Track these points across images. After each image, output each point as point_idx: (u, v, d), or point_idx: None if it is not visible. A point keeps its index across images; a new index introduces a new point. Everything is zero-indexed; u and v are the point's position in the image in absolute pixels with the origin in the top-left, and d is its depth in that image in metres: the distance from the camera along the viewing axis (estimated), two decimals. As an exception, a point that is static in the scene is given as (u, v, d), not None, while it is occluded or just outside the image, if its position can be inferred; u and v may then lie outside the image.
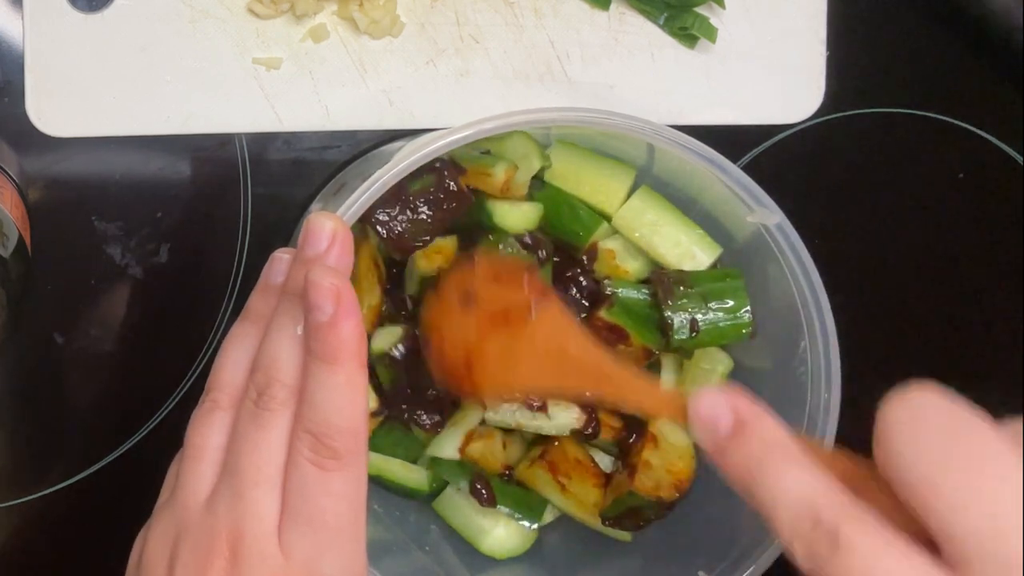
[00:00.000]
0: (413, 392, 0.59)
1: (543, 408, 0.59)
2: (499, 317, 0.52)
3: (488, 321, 0.52)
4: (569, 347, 0.50)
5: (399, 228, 0.57)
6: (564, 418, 0.59)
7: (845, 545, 0.35)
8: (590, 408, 0.59)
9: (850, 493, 0.37)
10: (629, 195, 0.60)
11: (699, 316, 0.57)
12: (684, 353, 0.61)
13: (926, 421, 0.35)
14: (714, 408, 0.40)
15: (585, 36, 0.63)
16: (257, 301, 0.47)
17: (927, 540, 0.35)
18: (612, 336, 0.57)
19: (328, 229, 0.45)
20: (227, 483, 0.43)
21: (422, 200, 0.57)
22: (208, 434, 0.45)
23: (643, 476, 0.58)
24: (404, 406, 0.59)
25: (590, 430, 0.59)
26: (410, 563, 0.59)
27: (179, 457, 0.46)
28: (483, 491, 0.59)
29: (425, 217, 0.57)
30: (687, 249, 0.59)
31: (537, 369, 0.51)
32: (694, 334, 0.57)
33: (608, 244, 0.60)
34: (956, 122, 0.68)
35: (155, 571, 0.43)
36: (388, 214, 0.57)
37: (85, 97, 0.60)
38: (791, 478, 0.38)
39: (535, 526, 0.61)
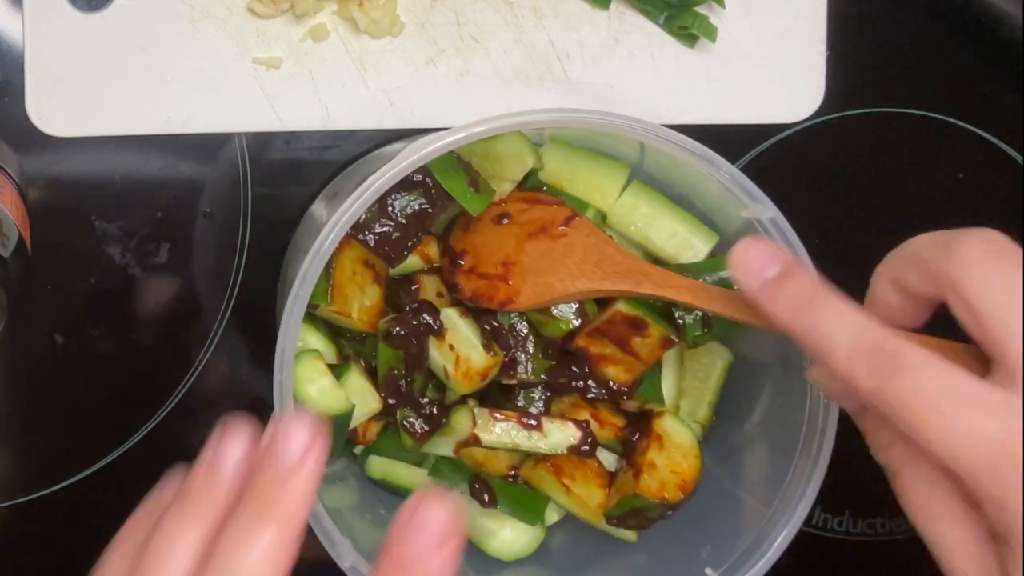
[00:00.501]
0: (407, 385, 0.59)
1: (538, 427, 0.59)
2: (535, 230, 0.57)
3: (525, 234, 0.57)
4: (607, 251, 0.56)
5: (384, 236, 0.58)
6: (559, 436, 0.59)
7: (907, 366, 0.39)
8: (584, 424, 0.60)
9: None
10: (623, 191, 0.61)
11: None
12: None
13: (998, 255, 0.41)
14: (763, 253, 0.45)
15: (585, 36, 0.64)
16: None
17: None
18: (631, 329, 0.58)
19: (301, 442, 0.38)
20: None
21: (406, 209, 0.58)
22: (176, 545, 0.38)
23: (648, 478, 0.59)
24: (392, 401, 0.59)
25: (586, 447, 0.59)
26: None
27: None
28: (484, 493, 0.60)
29: (407, 223, 0.58)
30: (684, 239, 0.60)
31: (577, 271, 0.55)
32: (707, 330, 0.58)
33: (601, 239, 0.61)
34: (956, 122, 0.69)
35: None
36: (373, 224, 0.57)
37: (85, 97, 0.61)
38: (845, 310, 0.42)
39: (535, 527, 0.62)
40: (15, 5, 0.60)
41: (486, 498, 0.60)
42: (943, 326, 0.44)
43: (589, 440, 0.59)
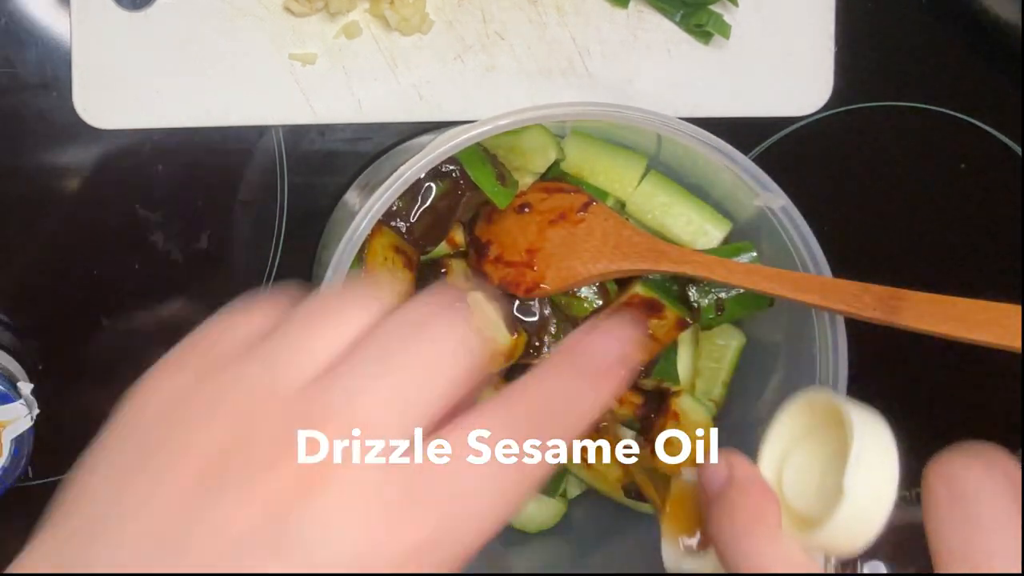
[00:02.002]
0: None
1: None
2: (555, 217, 0.59)
3: (546, 222, 0.59)
4: (624, 232, 0.58)
5: (415, 224, 0.60)
6: None
7: None
8: None
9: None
10: (640, 181, 0.62)
11: (723, 294, 0.60)
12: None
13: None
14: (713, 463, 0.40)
15: (605, 33, 0.65)
16: None
17: None
18: (648, 311, 0.60)
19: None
20: (361, 367, 0.31)
21: (435, 198, 0.60)
22: (347, 314, 0.32)
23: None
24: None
25: (605, 423, 0.61)
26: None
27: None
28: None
29: (436, 211, 0.60)
30: (699, 226, 0.61)
31: (598, 253, 0.57)
32: (720, 312, 0.60)
33: (619, 224, 0.63)
34: (957, 115, 0.70)
35: (206, 438, 0.30)
36: (404, 213, 0.59)
37: (129, 91, 0.62)
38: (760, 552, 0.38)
39: (558, 501, 0.64)
40: (63, 4, 0.62)
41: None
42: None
43: (608, 416, 0.62)
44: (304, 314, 0.33)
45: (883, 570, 0.40)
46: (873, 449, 0.37)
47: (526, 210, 0.60)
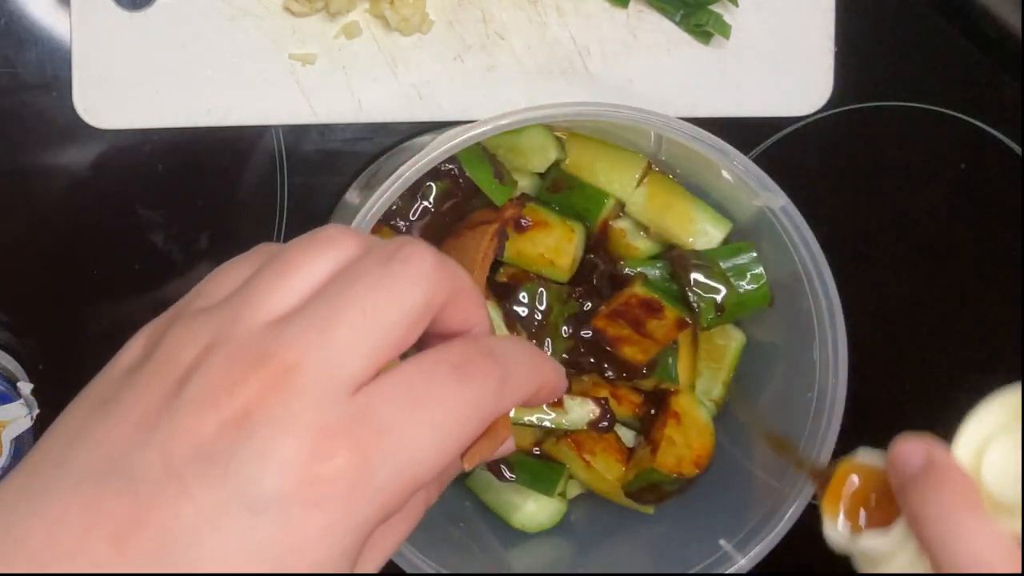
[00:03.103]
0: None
1: (560, 404, 0.61)
2: None
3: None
4: None
5: (415, 223, 0.60)
6: (580, 412, 0.61)
7: None
8: (603, 401, 0.61)
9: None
10: (640, 181, 0.62)
11: (721, 295, 0.60)
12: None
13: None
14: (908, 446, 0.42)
15: (605, 33, 0.65)
16: None
17: None
18: (646, 311, 0.60)
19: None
20: (314, 311, 0.32)
21: (435, 197, 0.60)
22: (315, 259, 0.33)
23: (665, 453, 0.60)
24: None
25: (605, 423, 0.61)
26: (445, 538, 0.61)
27: (232, 267, 0.36)
28: (500, 466, 0.62)
29: (437, 210, 0.60)
30: (700, 226, 0.62)
31: None
32: (720, 313, 0.60)
33: (619, 224, 0.63)
34: (957, 115, 0.70)
35: (169, 367, 0.31)
36: (404, 213, 0.60)
37: (129, 91, 0.62)
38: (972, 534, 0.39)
39: (558, 501, 0.64)
40: (63, 4, 0.62)
41: (503, 471, 0.62)
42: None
43: (608, 416, 0.61)
44: (278, 261, 0.34)
45: None
46: None
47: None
